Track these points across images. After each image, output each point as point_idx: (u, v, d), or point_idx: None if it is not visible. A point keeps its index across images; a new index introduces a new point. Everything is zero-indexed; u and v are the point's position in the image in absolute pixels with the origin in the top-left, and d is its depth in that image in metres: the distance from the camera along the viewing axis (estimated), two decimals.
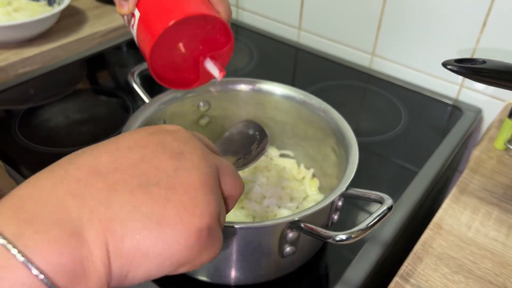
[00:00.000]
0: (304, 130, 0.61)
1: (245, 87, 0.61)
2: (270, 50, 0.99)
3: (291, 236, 0.44)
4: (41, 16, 0.85)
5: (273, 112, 0.62)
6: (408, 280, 0.48)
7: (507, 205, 0.58)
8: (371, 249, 0.54)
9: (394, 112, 0.81)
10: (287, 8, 1.00)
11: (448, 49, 0.82)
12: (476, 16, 0.76)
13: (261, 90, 0.61)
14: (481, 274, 0.49)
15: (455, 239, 0.53)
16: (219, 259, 0.46)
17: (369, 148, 0.72)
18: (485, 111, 0.82)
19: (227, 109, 0.63)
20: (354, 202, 0.62)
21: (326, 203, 0.44)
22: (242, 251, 0.45)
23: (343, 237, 0.40)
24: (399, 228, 0.58)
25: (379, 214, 0.42)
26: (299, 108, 0.60)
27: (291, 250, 0.46)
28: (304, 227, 0.42)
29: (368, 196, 0.46)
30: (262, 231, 0.44)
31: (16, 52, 0.86)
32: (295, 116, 0.61)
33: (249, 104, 0.63)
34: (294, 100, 0.60)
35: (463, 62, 0.49)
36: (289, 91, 0.60)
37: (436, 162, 0.69)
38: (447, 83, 0.85)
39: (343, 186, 0.46)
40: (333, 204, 0.47)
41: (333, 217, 0.49)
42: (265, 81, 0.61)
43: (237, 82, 0.61)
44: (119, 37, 0.99)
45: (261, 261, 0.47)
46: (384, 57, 0.91)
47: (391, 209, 0.42)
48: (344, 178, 0.47)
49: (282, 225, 0.43)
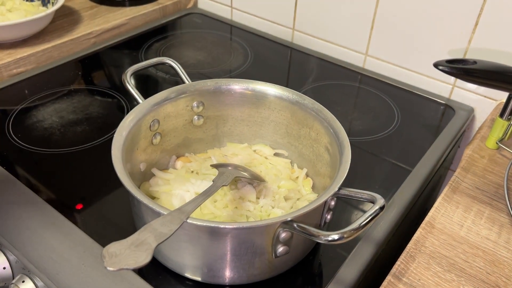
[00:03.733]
0: (298, 130, 0.61)
1: (239, 88, 0.62)
2: (264, 50, 0.99)
3: (284, 236, 0.44)
4: (35, 16, 0.84)
5: (266, 112, 0.63)
6: (401, 279, 0.49)
7: (499, 203, 0.59)
8: (364, 248, 0.55)
9: (387, 112, 0.81)
10: (281, 8, 1.00)
11: (441, 49, 0.82)
12: (468, 16, 0.76)
13: (255, 90, 0.61)
14: (473, 272, 0.50)
15: (447, 238, 0.54)
16: (212, 259, 0.47)
17: (362, 147, 0.72)
18: (477, 110, 0.83)
19: (221, 109, 0.63)
20: (347, 201, 0.62)
21: (319, 203, 0.45)
22: (236, 251, 0.45)
23: (335, 237, 0.40)
24: (392, 227, 0.58)
25: (371, 214, 0.42)
26: (292, 108, 0.60)
27: (284, 250, 0.46)
28: (297, 227, 0.43)
29: (361, 196, 0.46)
30: (255, 231, 0.44)
31: (10, 52, 0.86)
32: (288, 116, 0.61)
33: (243, 104, 0.63)
34: (287, 101, 0.60)
35: (454, 63, 0.50)
36: (282, 91, 0.60)
37: (428, 161, 0.69)
38: (440, 83, 0.85)
39: (335, 186, 0.46)
40: (326, 204, 0.47)
41: (326, 217, 0.49)
42: (258, 81, 0.62)
43: (230, 83, 0.62)
44: (114, 37, 0.99)
45: (254, 261, 0.47)
46: (378, 57, 0.91)
47: (383, 208, 0.43)
48: (336, 178, 0.48)
49: (275, 225, 0.43)
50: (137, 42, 0.99)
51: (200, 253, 0.47)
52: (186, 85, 0.61)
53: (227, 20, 1.11)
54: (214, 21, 1.10)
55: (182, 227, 0.39)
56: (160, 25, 1.06)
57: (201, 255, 0.47)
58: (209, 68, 0.91)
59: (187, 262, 0.49)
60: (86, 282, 0.50)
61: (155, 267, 0.51)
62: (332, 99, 0.84)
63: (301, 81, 0.89)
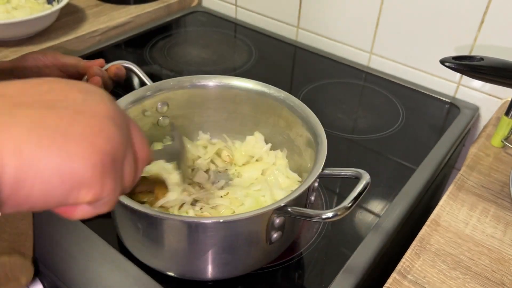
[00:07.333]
0: (265, 119, 0.61)
1: (202, 84, 0.61)
2: (268, 49, 0.99)
3: (279, 222, 0.45)
4: (40, 14, 0.85)
5: (232, 106, 0.62)
6: (406, 276, 0.49)
7: (504, 201, 0.58)
8: (369, 246, 0.55)
9: (392, 110, 0.81)
10: (286, 6, 1.00)
11: (446, 47, 0.82)
12: (474, 13, 0.76)
13: (220, 85, 0.61)
14: (478, 270, 0.50)
15: (452, 236, 0.54)
16: (205, 254, 0.46)
17: (366, 146, 0.72)
18: (482, 109, 0.83)
19: (186, 108, 0.63)
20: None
21: (308, 185, 0.45)
22: (233, 243, 0.45)
23: (329, 215, 0.42)
24: (397, 225, 0.58)
25: (360, 190, 0.43)
26: (257, 99, 0.60)
27: (278, 236, 0.46)
28: (291, 211, 0.43)
29: (345, 173, 0.47)
30: (249, 222, 0.44)
31: (15, 50, 0.86)
32: (254, 107, 0.61)
33: (209, 100, 0.62)
34: (252, 92, 0.60)
35: (461, 60, 0.50)
36: (247, 83, 0.60)
37: (433, 159, 0.69)
38: (445, 81, 0.85)
39: (319, 167, 0.47)
40: (311, 186, 0.48)
41: (311, 198, 0.50)
42: (219, 76, 0.61)
43: (193, 80, 0.61)
44: (119, 35, 0.99)
45: (250, 250, 0.47)
46: (382, 55, 0.91)
47: (369, 183, 0.44)
48: (318, 159, 0.48)
49: (269, 212, 0.44)
50: (142, 40, 0.99)
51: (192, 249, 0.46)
52: (148, 86, 0.59)
53: (232, 18, 1.11)
54: (218, 19, 1.10)
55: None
56: (165, 23, 1.06)
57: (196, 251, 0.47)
58: (213, 66, 0.91)
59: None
60: (92, 278, 0.50)
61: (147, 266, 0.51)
62: (336, 97, 0.84)
63: (305, 79, 0.88)
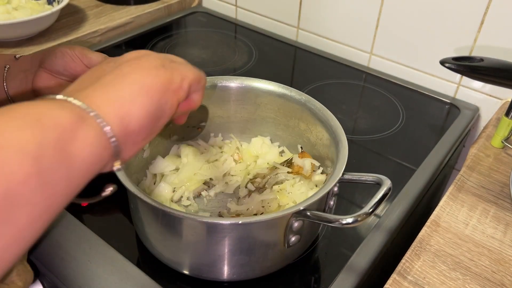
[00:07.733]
0: (286, 121, 0.61)
1: (223, 85, 0.61)
2: (269, 49, 0.99)
3: (297, 226, 0.45)
4: (40, 15, 0.85)
5: (253, 108, 0.63)
6: (406, 277, 0.49)
7: (505, 202, 0.58)
8: (369, 246, 0.55)
9: (392, 111, 0.81)
10: (286, 7, 1.00)
11: (446, 48, 0.82)
12: (474, 14, 0.76)
13: (242, 86, 0.61)
14: (479, 271, 0.50)
15: (452, 237, 0.54)
16: (224, 256, 0.46)
17: (367, 146, 0.72)
18: (482, 109, 0.83)
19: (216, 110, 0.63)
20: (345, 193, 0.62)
21: (327, 190, 0.45)
22: (251, 245, 0.45)
23: (349, 221, 0.41)
24: (397, 225, 0.58)
25: (381, 196, 0.42)
26: (279, 101, 0.60)
27: (296, 239, 0.46)
28: (310, 215, 0.43)
29: (365, 179, 0.47)
30: (267, 225, 0.44)
31: (16, 50, 0.86)
32: (275, 109, 0.61)
33: (230, 101, 0.63)
34: (274, 94, 0.60)
35: (461, 60, 0.50)
36: (268, 85, 0.60)
37: (433, 160, 0.69)
38: (445, 82, 0.85)
39: (339, 172, 0.46)
40: (331, 190, 0.48)
41: (330, 203, 0.50)
42: (240, 77, 0.61)
43: (214, 81, 0.61)
44: (119, 36, 0.99)
45: (267, 253, 0.47)
46: (382, 55, 0.91)
47: (390, 189, 0.43)
48: (338, 163, 0.48)
49: (288, 215, 0.44)
50: (142, 41, 0.99)
51: (209, 249, 0.47)
52: None
53: (232, 19, 1.11)
54: (218, 20, 1.10)
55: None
56: (165, 24, 1.06)
57: (211, 251, 0.47)
58: (214, 67, 0.91)
59: (194, 260, 0.49)
60: (92, 279, 0.50)
61: (163, 266, 0.51)
62: (336, 98, 0.84)
63: (305, 80, 0.89)
